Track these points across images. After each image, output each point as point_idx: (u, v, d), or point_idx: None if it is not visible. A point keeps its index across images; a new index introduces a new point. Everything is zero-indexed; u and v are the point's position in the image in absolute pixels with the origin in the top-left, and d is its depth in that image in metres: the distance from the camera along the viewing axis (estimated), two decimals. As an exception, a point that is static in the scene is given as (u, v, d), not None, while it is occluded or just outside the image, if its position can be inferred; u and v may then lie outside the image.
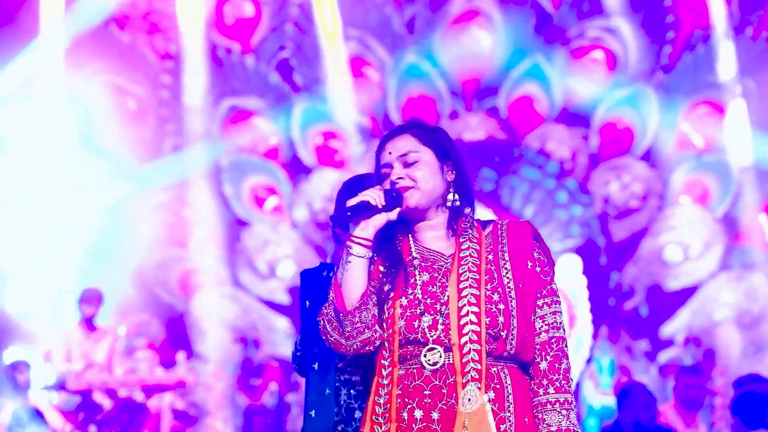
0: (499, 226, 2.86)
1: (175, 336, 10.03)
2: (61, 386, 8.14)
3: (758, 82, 10.15)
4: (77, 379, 8.23)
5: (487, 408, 2.69)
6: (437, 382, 2.70)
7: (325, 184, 10.45)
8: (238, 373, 9.91)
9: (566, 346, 2.78)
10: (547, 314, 2.78)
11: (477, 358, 2.69)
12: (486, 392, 2.68)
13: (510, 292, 2.75)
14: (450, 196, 2.84)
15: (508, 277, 2.76)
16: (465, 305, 2.71)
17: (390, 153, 2.84)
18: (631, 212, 10.50)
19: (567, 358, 2.77)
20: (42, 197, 9.57)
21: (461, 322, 2.70)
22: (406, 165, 2.81)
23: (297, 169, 10.61)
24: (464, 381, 2.69)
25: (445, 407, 2.69)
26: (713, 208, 10.41)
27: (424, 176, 2.80)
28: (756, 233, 10.13)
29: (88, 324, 8.68)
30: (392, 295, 2.76)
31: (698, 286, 10.26)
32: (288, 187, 10.57)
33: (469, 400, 2.67)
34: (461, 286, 2.73)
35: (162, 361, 9.20)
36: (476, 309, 2.71)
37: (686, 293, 10.26)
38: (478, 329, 2.70)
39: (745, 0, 10.32)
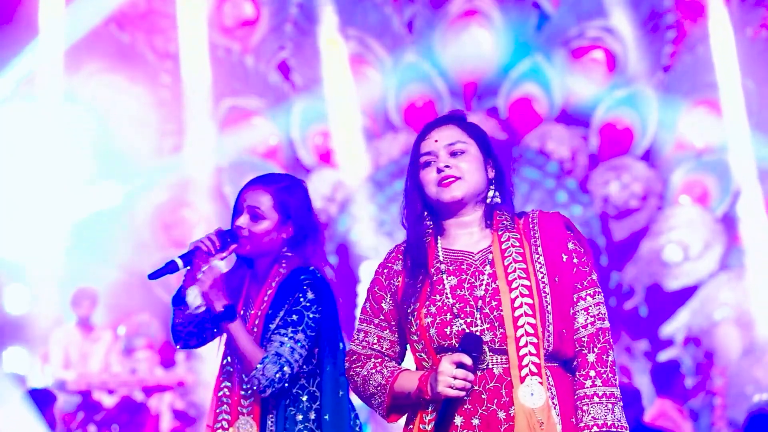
0: (530, 218, 2.79)
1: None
2: (60, 386, 8.14)
3: (758, 82, 10.15)
4: (77, 379, 8.24)
5: (550, 404, 2.63)
6: (477, 388, 2.64)
7: (325, 184, 10.45)
8: (238, 373, 9.89)
9: (611, 338, 2.72)
10: (590, 306, 2.71)
11: (534, 352, 2.62)
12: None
13: (544, 287, 2.68)
14: (490, 193, 2.80)
15: (542, 272, 2.70)
16: (518, 297, 2.65)
17: (436, 141, 2.78)
18: (630, 212, 10.49)
19: (613, 351, 2.71)
20: (42, 197, 9.57)
21: (516, 314, 2.63)
22: (453, 154, 2.76)
23: (297, 169, 10.60)
24: (522, 375, 2.61)
25: (486, 413, 2.63)
26: (713, 208, 10.41)
27: (470, 168, 2.75)
28: (756, 233, 10.12)
29: (84, 324, 8.67)
30: (418, 305, 2.70)
31: (698, 286, 10.26)
32: (288, 187, 10.55)
33: (532, 394, 2.61)
34: (510, 278, 2.67)
35: (162, 361, 9.19)
36: (530, 300, 2.65)
37: (686, 293, 10.26)
38: (534, 321, 2.63)
39: (745, 0, 10.31)
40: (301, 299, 3.39)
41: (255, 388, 3.34)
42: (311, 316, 3.38)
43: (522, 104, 10.55)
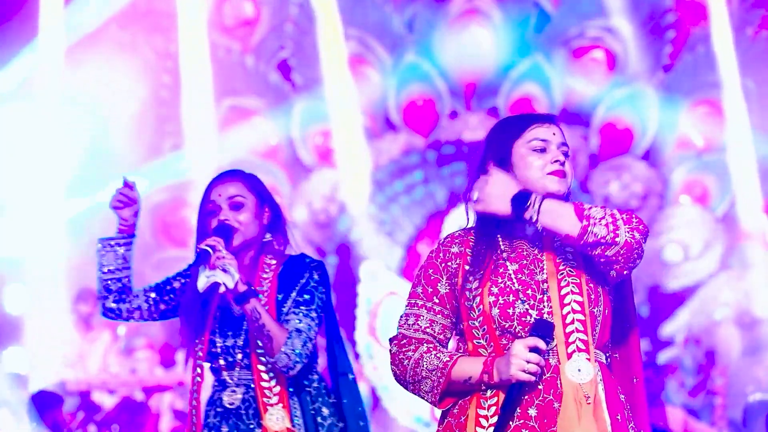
0: None
1: (175, 336, 10.01)
2: (60, 386, 8.14)
3: (758, 82, 10.14)
4: (76, 379, 8.24)
5: (599, 379, 2.64)
6: (535, 378, 2.62)
7: (324, 184, 10.45)
8: (238, 372, 9.90)
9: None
10: None
11: (582, 328, 2.64)
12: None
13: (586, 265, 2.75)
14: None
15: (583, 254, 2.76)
16: (564, 276, 2.69)
17: (554, 134, 2.82)
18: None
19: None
20: (41, 197, 9.56)
21: (562, 293, 2.66)
22: (564, 154, 2.82)
23: (297, 169, 10.60)
24: (569, 351, 2.63)
25: (542, 404, 2.61)
26: (713, 208, 10.41)
27: (571, 172, 2.82)
28: (756, 233, 10.12)
29: (85, 323, 8.67)
30: (480, 290, 2.70)
31: (698, 286, 10.26)
32: (288, 187, 10.56)
33: (579, 370, 2.62)
34: (558, 260, 2.72)
35: (162, 361, 9.19)
36: (576, 280, 2.69)
37: (686, 293, 10.26)
38: (581, 299, 2.67)
39: (744, 0, 10.31)
40: (310, 281, 3.47)
41: (283, 365, 3.33)
42: (320, 296, 3.46)
43: (522, 104, 10.53)
